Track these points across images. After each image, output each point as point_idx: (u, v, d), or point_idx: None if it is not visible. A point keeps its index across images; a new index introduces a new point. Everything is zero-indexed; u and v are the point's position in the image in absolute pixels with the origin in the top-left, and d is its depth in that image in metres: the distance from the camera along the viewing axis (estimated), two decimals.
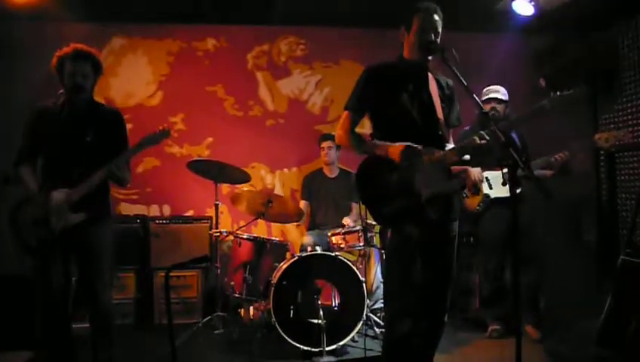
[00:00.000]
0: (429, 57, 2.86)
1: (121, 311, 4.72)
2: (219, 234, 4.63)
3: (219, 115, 5.81)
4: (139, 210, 5.51)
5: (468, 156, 2.85)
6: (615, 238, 5.45)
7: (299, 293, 4.03)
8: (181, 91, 5.74)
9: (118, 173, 3.19)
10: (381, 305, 4.56)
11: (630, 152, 5.36)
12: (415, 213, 2.77)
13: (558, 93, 2.81)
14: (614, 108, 5.51)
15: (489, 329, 4.45)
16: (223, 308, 4.56)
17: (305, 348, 3.92)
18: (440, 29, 2.84)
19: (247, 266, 4.42)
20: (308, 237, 4.90)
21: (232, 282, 4.51)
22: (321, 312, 3.88)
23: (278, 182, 5.89)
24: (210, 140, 5.77)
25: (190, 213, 5.61)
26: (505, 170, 2.43)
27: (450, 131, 3.05)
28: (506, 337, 4.31)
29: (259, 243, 4.51)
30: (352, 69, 5.80)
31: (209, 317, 4.53)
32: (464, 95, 2.65)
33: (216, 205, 4.69)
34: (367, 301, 4.14)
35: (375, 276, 4.72)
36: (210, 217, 5.14)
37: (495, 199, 4.36)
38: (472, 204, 4.42)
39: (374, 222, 4.30)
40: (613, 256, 3.57)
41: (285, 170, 5.91)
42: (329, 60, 6.01)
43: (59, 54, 3.21)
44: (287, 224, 5.62)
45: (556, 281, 4.96)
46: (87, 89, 3.23)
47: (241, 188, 5.08)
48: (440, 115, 2.89)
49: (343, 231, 4.47)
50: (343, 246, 4.43)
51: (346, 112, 2.98)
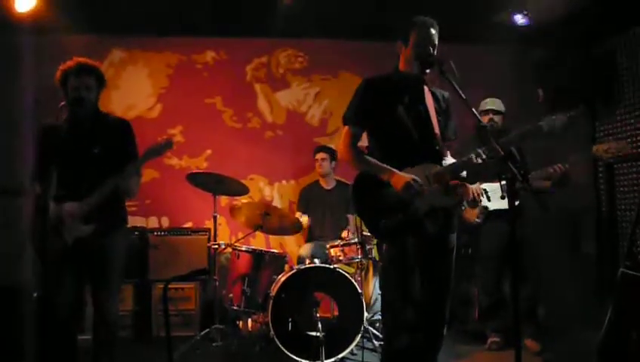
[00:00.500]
0: (426, 71, 2.87)
1: (120, 323, 4.69)
2: (217, 246, 4.62)
3: (217, 127, 5.83)
4: (137, 221, 5.49)
5: (464, 173, 2.86)
6: (615, 250, 5.44)
7: (297, 306, 4.01)
8: (180, 103, 5.76)
9: (123, 184, 3.19)
10: (379, 317, 4.54)
11: (629, 163, 5.36)
12: (412, 226, 2.77)
13: (557, 117, 2.79)
14: (612, 119, 5.53)
15: (488, 341, 4.43)
16: (221, 321, 4.54)
17: (303, 361, 3.90)
18: (436, 42, 2.86)
19: (246, 278, 4.41)
20: (306, 249, 4.89)
21: (231, 294, 4.50)
22: (320, 325, 3.86)
23: (276, 194, 5.89)
24: (209, 152, 5.78)
25: (189, 224, 5.60)
26: (503, 182, 2.43)
27: (447, 145, 3.04)
28: (506, 349, 4.29)
29: (257, 256, 4.50)
30: (350, 81, 5.81)
31: (207, 330, 4.50)
32: (462, 107, 2.65)
33: (215, 217, 4.68)
34: (366, 313, 4.13)
35: (373, 288, 4.72)
36: (209, 229, 5.13)
37: (494, 211, 4.35)
38: (471, 216, 4.41)
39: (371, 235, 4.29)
40: (612, 268, 3.56)
41: (284, 182, 5.92)
42: (327, 73, 6.03)
43: (62, 68, 3.22)
44: (286, 236, 5.61)
45: (556, 293, 4.95)
46: (90, 102, 3.23)
47: (240, 201, 5.08)
48: (437, 129, 2.89)
49: (341, 244, 4.47)
50: (341, 258, 4.42)
51: (346, 127, 2.96)
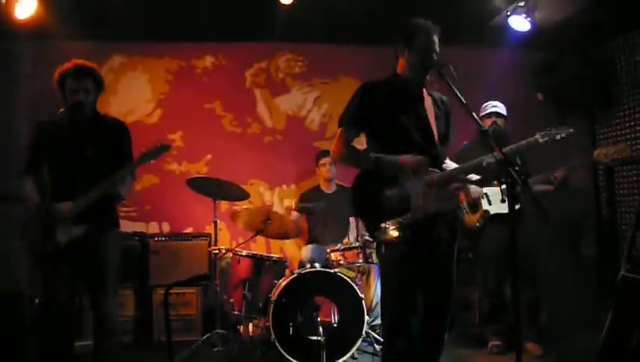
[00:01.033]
0: (426, 75, 2.87)
1: (120, 327, 4.68)
2: (218, 251, 4.62)
3: (217, 132, 5.83)
4: (138, 227, 5.49)
5: (475, 176, 2.86)
6: (615, 253, 5.44)
7: (298, 310, 4.01)
8: (180, 109, 5.76)
9: (116, 186, 3.19)
10: (380, 321, 4.53)
11: (629, 166, 5.36)
12: (413, 229, 2.76)
13: (550, 130, 2.79)
14: (612, 122, 5.53)
15: (489, 345, 4.43)
16: (222, 326, 4.53)
17: None
18: (438, 48, 2.86)
19: (247, 283, 4.41)
20: (306, 254, 4.88)
21: (232, 299, 4.49)
22: (321, 329, 3.86)
23: (276, 199, 5.89)
24: (209, 157, 5.78)
25: (189, 230, 5.59)
26: (504, 186, 2.43)
27: (446, 147, 3.05)
28: (507, 353, 4.28)
29: (258, 261, 4.50)
30: (350, 85, 5.81)
31: (208, 335, 4.49)
32: (462, 111, 2.65)
33: (215, 222, 4.68)
34: (367, 317, 4.12)
35: (374, 292, 4.70)
36: (209, 234, 5.13)
37: (494, 215, 4.35)
38: (472, 220, 4.41)
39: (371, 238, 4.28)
40: (613, 271, 3.56)
41: (284, 186, 5.92)
42: (327, 77, 6.03)
43: (60, 71, 3.24)
44: (286, 240, 5.61)
45: (556, 297, 4.94)
46: (88, 105, 3.24)
47: (240, 206, 5.08)
48: (436, 134, 2.89)
49: (341, 248, 4.46)
50: (342, 262, 4.42)
51: (340, 129, 2.95)
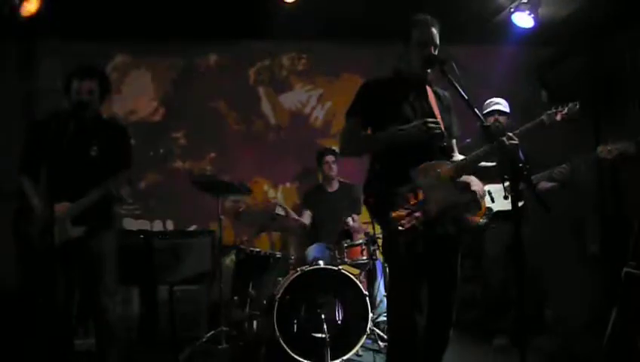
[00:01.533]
0: (427, 70, 2.86)
1: (125, 325, 4.71)
2: (222, 248, 4.63)
3: (221, 130, 5.84)
4: (142, 225, 5.51)
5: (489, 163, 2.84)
6: (620, 250, 5.41)
7: (302, 308, 4.02)
8: (183, 107, 5.77)
9: (114, 192, 3.21)
10: (385, 318, 4.54)
11: (633, 162, 5.35)
12: (427, 225, 2.74)
13: (554, 110, 2.81)
14: (616, 119, 5.51)
15: (494, 342, 4.42)
16: (226, 323, 4.55)
17: None
18: (437, 41, 2.85)
19: (251, 281, 4.42)
20: (310, 251, 4.89)
21: (236, 297, 4.50)
22: (325, 326, 3.86)
23: (280, 197, 5.89)
24: (213, 155, 5.79)
25: (193, 227, 5.60)
26: (507, 183, 2.42)
27: (454, 142, 3.04)
28: (511, 350, 4.28)
29: (262, 258, 4.51)
30: (353, 82, 5.78)
31: (213, 332, 4.50)
32: (465, 107, 2.65)
33: (220, 220, 4.69)
34: (371, 314, 4.13)
35: (378, 289, 4.71)
36: (214, 232, 5.14)
37: (498, 212, 4.34)
38: (475, 217, 4.40)
39: (377, 235, 4.28)
40: (618, 269, 3.55)
41: (288, 184, 5.92)
42: (331, 74, 6.04)
43: (67, 73, 3.25)
44: (290, 238, 5.62)
45: (562, 294, 4.94)
46: (92, 105, 3.25)
47: (244, 203, 5.09)
48: (442, 127, 2.88)
49: (346, 245, 4.47)
50: (346, 259, 4.42)
51: (345, 121, 2.96)
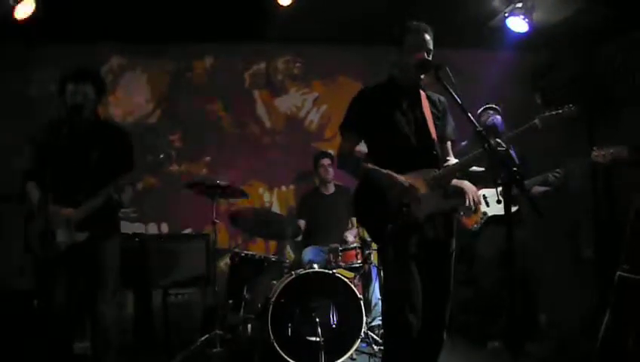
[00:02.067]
0: (421, 76, 2.88)
1: (119, 329, 4.69)
2: (217, 252, 4.63)
3: (216, 133, 5.84)
4: (137, 228, 5.49)
5: (478, 168, 2.86)
6: (614, 254, 5.43)
7: (297, 311, 4.02)
8: (179, 110, 5.77)
9: (116, 197, 3.21)
10: (379, 322, 4.54)
11: (627, 166, 5.37)
12: (410, 233, 2.78)
13: (548, 113, 2.82)
14: (610, 123, 5.54)
15: (487, 345, 4.43)
16: (221, 327, 4.53)
17: None
18: (431, 46, 2.87)
19: (245, 284, 4.41)
20: (305, 255, 4.89)
21: (230, 300, 4.49)
22: (320, 330, 3.87)
23: (275, 200, 5.90)
24: (208, 159, 5.79)
25: (188, 230, 5.60)
26: (500, 187, 2.44)
27: (449, 145, 3.06)
28: (505, 353, 4.29)
29: (257, 261, 4.50)
30: (349, 86, 5.83)
31: (207, 336, 4.49)
32: (459, 112, 2.66)
33: (214, 223, 4.68)
34: (366, 318, 4.13)
35: (373, 293, 4.72)
36: (209, 235, 5.13)
37: (492, 217, 4.36)
38: (469, 222, 4.42)
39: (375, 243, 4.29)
40: (612, 272, 3.57)
41: (283, 187, 5.92)
42: (326, 78, 6.05)
43: (61, 77, 3.25)
44: (285, 241, 5.62)
45: (555, 298, 4.95)
46: (87, 108, 3.24)
47: (239, 206, 5.08)
48: (434, 135, 2.90)
49: (341, 249, 4.47)
50: (340, 263, 4.42)
51: (341, 135, 3.00)
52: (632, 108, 5.27)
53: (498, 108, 4.52)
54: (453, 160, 3.00)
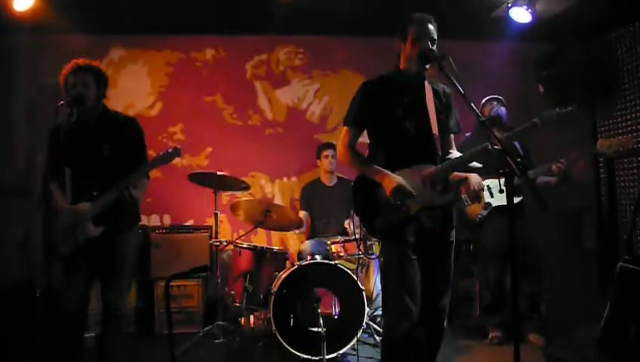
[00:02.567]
0: (426, 67, 2.87)
1: (124, 319, 4.71)
2: (219, 243, 4.64)
3: (218, 125, 5.84)
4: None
5: (477, 164, 2.86)
6: (615, 244, 5.44)
7: (299, 302, 4.02)
8: (180, 101, 5.77)
9: (131, 192, 3.22)
10: (381, 313, 4.55)
11: (630, 158, 5.37)
12: (407, 224, 2.79)
13: (548, 112, 2.80)
14: (613, 114, 5.53)
15: (489, 336, 4.45)
16: (223, 318, 4.56)
17: (305, 357, 3.92)
18: (435, 37, 2.86)
19: (248, 275, 4.42)
20: (307, 246, 4.90)
21: (233, 291, 4.50)
22: (321, 321, 3.86)
23: (277, 191, 5.90)
24: (210, 150, 5.79)
25: (190, 222, 5.61)
26: (503, 178, 2.43)
27: (453, 137, 3.06)
28: (507, 344, 4.30)
29: (259, 253, 4.51)
30: (350, 77, 5.83)
31: (209, 327, 4.52)
32: (463, 103, 2.65)
33: (216, 215, 4.69)
34: (367, 309, 4.14)
35: (375, 284, 4.72)
36: (210, 227, 5.14)
37: (496, 207, 4.36)
38: (474, 212, 4.42)
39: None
40: (613, 263, 3.58)
41: (285, 179, 5.92)
42: (328, 69, 6.03)
43: (63, 72, 3.23)
44: (287, 233, 5.62)
45: (558, 289, 4.96)
46: (89, 99, 3.22)
47: (241, 198, 5.09)
48: (435, 130, 2.89)
49: (342, 240, 4.48)
50: (342, 254, 4.43)
51: (345, 128, 3.00)
52: (635, 98, 5.25)
53: (502, 99, 4.52)
54: (455, 153, 3.00)
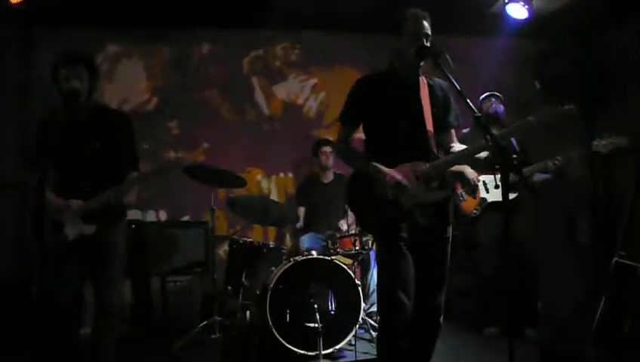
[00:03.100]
0: (421, 63, 2.86)
1: (119, 314, 4.71)
2: (215, 238, 4.64)
3: (214, 120, 5.82)
4: (135, 215, 5.49)
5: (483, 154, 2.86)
6: (611, 240, 5.46)
7: (295, 297, 4.03)
8: (176, 97, 5.75)
9: (123, 197, 3.23)
10: (376, 308, 4.56)
11: (625, 155, 5.37)
12: (402, 220, 2.79)
13: (543, 111, 2.80)
14: (610, 111, 5.53)
15: (485, 331, 4.46)
16: (219, 313, 4.55)
17: (301, 352, 3.92)
18: (430, 33, 2.85)
19: (244, 271, 4.42)
20: (304, 241, 4.91)
21: (229, 287, 4.51)
22: (318, 316, 3.88)
23: (274, 187, 5.90)
24: (206, 145, 5.77)
25: (186, 218, 5.60)
26: (499, 174, 2.44)
27: (453, 132, 3.06)
28: (503, 339, 4.30)
29: (255, 248, 4.51)
30: (347, 73, 5.82)
31: (206, 322, 4.51)
32: (459, 99, 2.65)
33: (213, 210, 4.68)
34: (364, 304, 4.15)
35: (371, 279, 4.73)
36: (207, 222, 5.12)
37: (492, 203, 4.37)
38: (469, 207, 4.43)
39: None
40: (609, 259, 3.60)
41: (281, 174, 5.92)
42: (324, 65, 6.02)
43: (52, 62, 3.19)
44: (283, 228, 5.63)
45: (553, 283, 4.98)
46: (83, 93, 3.19)
47: (238, 193, 5.09)
48: (429, 127, 2.88)
49: (338, 236, 4.49)
50: (338, 249, 4.44)
51: (340, 124, 3.02)
52: (632, 95, 5.26)
53: (500, 96, 4.51)
54: (458, 146, 3.00)
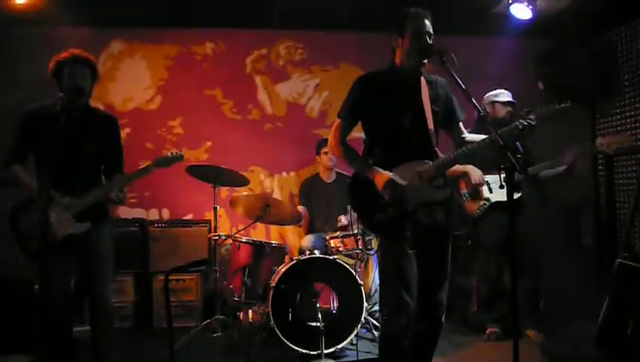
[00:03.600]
0: (424, 61, 2.86)
1: (120, 314, 4.73)
2: (218, 237, 4.64)
3: (217, 119, 5.82)
4: (138, 213, 5.51)
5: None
6: (613, 242, 5.46)
7: (297, 296, 4.03)
8: (179, 95, 5.75)
9: (119, 195, 3.25)
10: (378, 307, 4.56)
11: (628, 155, 5.37)
12: (405, 220, 2.80)
13: (541, 109, 2.80)
14: (613, 111, 5.53)
15: (487, 331, 4.46)
16: (222, 312, 4.56)
17: (303, 351, 3.93)
18: (432, 32, 2.84)
19: (246, 269, 4.43)
20: (306, 241, 4.90)
21: (231, 285, 4.51)
22: (320, 315, 3.88)
23: (276, 186, 5.90)
24: (209, 144, 5.78)
25: (189, 216, 5.60)
26: (504, 175, 2.43)
27: (461, 125, 3.05)
28: (505, 339, 4.31)
29: (257, 247, 4.51)
30: (350, 72, 5.80)
31: (208, 321, 4.52)
32: (464, 97, 2.65)
33: (215, 209, 4.69)
34: (366, 304, 4.15)
35: (373, 279, 4.72)
36: (209, 221, 5.14)
37: (495, 203, 4.36)
38: (473, 207, 4.42)
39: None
40: (611, 260, 3.59)
41: (284, 173, 5.92)
42: (328, 64, 6.02)
43: (57, 59, 3.20)
44: (286, 227, 5.62)
45: (555, 284, 4.97)
46: (86, 92, 3.22)
47: (240, 192, 5.09)
48: (431, 125, 2.88)
49: (341, 235, 4.49)
50: (341, 249, 4.44)
51: (338, 121, 3.00)
52: (635, 95, 5.25)
53: (515, 103, 4.46)
54: (469, 136, 3.01)
